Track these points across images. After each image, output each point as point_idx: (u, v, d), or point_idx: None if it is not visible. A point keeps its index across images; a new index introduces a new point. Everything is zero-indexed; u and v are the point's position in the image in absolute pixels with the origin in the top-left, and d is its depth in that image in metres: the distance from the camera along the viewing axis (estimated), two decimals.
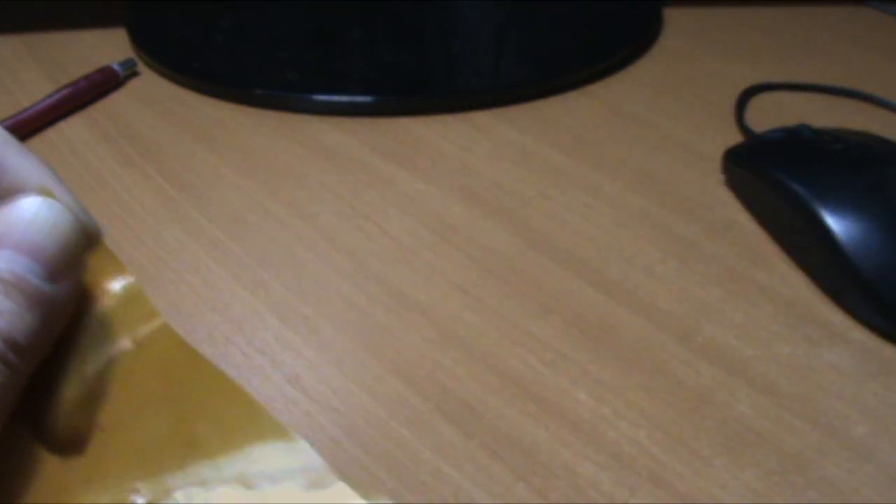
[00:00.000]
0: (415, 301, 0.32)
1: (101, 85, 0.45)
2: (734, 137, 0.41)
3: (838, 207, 0.32)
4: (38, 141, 0.42)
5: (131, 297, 0.20)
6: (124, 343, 0.19)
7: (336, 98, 0.43)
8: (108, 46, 0.50)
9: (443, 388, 0.28)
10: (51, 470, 0.18)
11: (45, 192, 0.17)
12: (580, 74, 0.46)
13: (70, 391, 0.18)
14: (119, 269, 0.21)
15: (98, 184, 0.39)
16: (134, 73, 0.47)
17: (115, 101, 0.45)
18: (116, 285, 0.20)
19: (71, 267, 0.17)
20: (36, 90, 0.45)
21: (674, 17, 0.53)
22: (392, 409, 0.28)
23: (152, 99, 0.45)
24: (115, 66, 0.46)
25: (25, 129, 0.42)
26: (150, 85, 0.47)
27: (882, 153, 0.35)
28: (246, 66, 0.46)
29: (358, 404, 0.28)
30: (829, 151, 0.34)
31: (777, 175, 0.34)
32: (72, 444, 0.18)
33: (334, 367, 0.29)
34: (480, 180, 0.39)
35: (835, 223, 0.31)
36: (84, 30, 0.52)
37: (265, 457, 0.20)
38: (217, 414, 0.20)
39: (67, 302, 0.17)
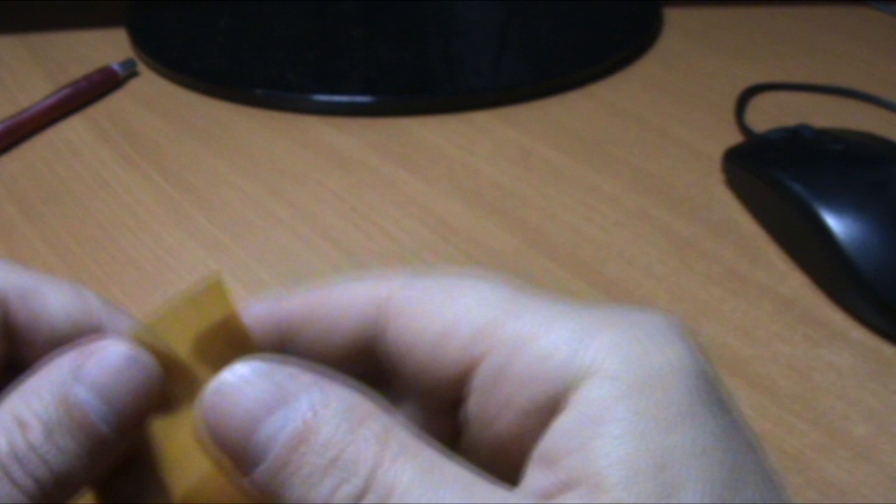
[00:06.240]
0: None
1: (101, 85, 0.45)
2: (734, 137, 0.41)
3: (838, 207, 0.32)
4: (38, 141, 0.42)
5: None
6: None
7: (336, 98, 0.43)
8: (108, 46, 0.50)
9: None
10: None
11: (138, 339, 0.17)
12: (580, 74, 0.46)
13: None
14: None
15: (98, 184, 0.39)
16: (134, 73, 0.47)
17: (115, 101, 0.45)
18: None
19: (140, 421, 0.17)
20: (36, 90, 0.45)
21: (674, 17, 0.53)
22: None
23: (152, 99, 0.45)
24: (115, 66, 0.46)
25: (25, 129, 0.42)
26: (150, 85, 0.47)
27: (882, 153, 0.35)
28: (246, 66, 0.46)
29: None
30: (829, 151, 0.34)
31: (777, 175, 0.34)
32: None
33: None
34: (480, 180, 0.39)
35: (835, 223, 0.31)
36: (84, 30, 0.52)
37: None
38: None
39: (122, 450, 0.17)
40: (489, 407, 0.16)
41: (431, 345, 0.17)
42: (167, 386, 0.17)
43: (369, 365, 0.18)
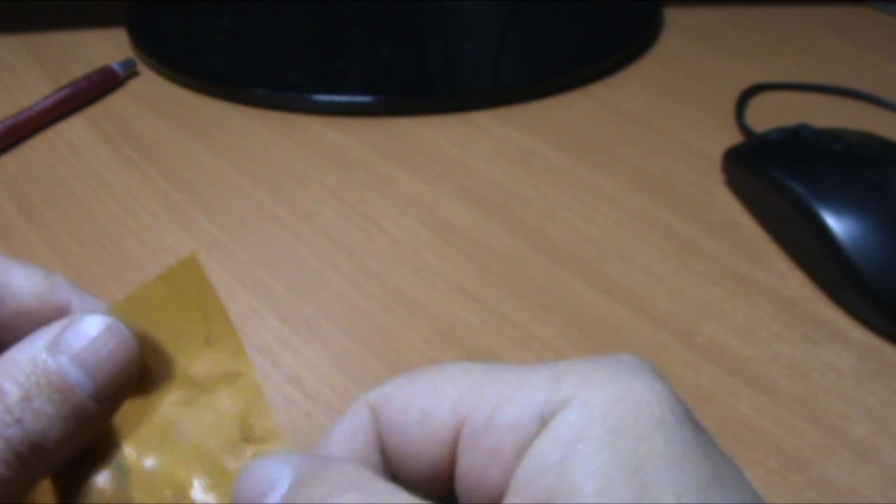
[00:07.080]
0: (415, 301, 0.32)
1: (101, 85, 0.45)
2: (734, 137, 0.41)
3: (838, 207, 0.32)
4: (38, 141, 0.42)
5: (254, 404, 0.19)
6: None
7: (336, 98, 0.43)
8: (108, 46, 0.50)
9: None
10: None
11: (112, 313, 0.18)
12: (580, 74, 0.46)
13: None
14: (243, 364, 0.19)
15: (98, 184, 0.39)
16: (134, 73, 0.47)
17: (115, 101, 0.45)
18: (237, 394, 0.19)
19: (119, 391, 0.18)
20: (36, 90, 0.45)
21: (674, 17, 0.53)
22: None
23: (152, 99, 0.45)
24: (115, 66, 0.46)
25: (25, 129, 0.42)
26: (150, 85, 0.47)
27: (882, 153, 0.35)
28: (246, 66, 0.46)
29: None
30: (829, 151, 0.34)
31: (777, 175, 0.34)
32: None
33: (334, 367, 0.29)
34: (480, 180, 0.39)
35: (835, 223, 0.31)
36: (84, 30, 0.52)
37: None
38: None
39: (104, 421, 0.18)
40: (477, 463, 0.17)
41: (418, 422, 0.17)
42: (144, 360, 0.18)
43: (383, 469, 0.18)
